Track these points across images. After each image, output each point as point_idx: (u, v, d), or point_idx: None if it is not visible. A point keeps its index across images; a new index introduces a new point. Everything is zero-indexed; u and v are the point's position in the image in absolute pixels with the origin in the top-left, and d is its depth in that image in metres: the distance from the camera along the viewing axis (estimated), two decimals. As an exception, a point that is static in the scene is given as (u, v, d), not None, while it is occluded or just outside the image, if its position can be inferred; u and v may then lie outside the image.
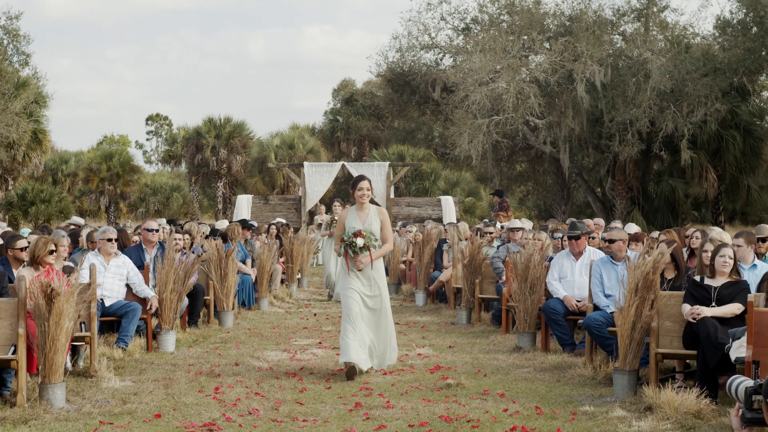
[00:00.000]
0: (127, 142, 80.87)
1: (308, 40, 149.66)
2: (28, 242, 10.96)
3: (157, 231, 14.00)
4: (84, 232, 14.84)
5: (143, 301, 12.33)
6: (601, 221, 20.26)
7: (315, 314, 17.23)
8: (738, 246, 10.33)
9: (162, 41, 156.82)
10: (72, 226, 19.30)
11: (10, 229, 19.23)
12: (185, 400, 9.20)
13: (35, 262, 10.25)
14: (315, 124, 56.75)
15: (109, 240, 12.38)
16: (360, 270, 10.56)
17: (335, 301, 19.12)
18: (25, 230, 20.70)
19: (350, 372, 10.36)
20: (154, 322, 12.64)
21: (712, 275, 9.52)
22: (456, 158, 37.15)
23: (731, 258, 9.47)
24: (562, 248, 13.63)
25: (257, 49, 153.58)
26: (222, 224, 20.90)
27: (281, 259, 21.25)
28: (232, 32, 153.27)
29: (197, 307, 14.63)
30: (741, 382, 4.41)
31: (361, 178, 10.78)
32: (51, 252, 10.34)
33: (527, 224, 17.40)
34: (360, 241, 10.44)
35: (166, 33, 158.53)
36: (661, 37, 34.47)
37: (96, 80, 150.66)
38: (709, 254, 9.71)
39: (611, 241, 11.79)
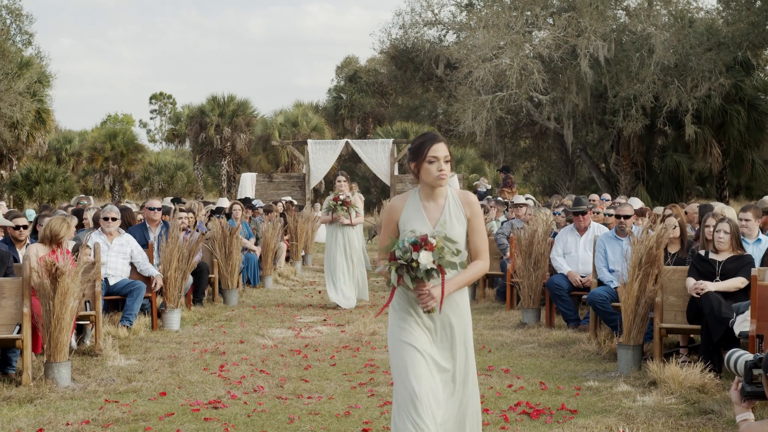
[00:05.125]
0: (130, 121, 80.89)
1: (308, 18, 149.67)
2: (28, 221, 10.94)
3: (159, 209, 13.98)
4: (89, 212, 14.82)
5: (148, 280, 12.32)
6: (607, 197, 20.25)
7: (320, 292, 17.24)
8: (746, 220, 10.27)
9: (162, 20, 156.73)
10: (79, 203, 19.30)
11: (15, 209, 19.26)
12: (190, 378, 9.23)
13: (54, 241, 10.06)
14: (319, 102, 56.69)
15: (106, 219, 12.30)
16: (429, 311, 5.44)
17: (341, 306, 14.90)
18: (30, 211, 20.70)
19: None
20: (158, 300, 12.66)
21: (715, 250, 9.50)
22: (460, 135, 37.01)
23: (726, 233, 9.39)
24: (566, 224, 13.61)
25: (257, 27, 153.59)
26: (222, 202, 20.76)
27: (285, 237, 21.26)
28: (232, 10, 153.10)
29: (202, 285, 14.65)
30: (740, 356, 4.40)
31: (433, 138, 5.55)
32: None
33: (530, 200, 17.37)
34: (426, 259, 5.27)
35: (165, 12, 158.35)
36: (665, 12, 34.25)
37: (97, 60, 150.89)
38: (711, 229, 9.70)
39: (626, 217, 11.68)
